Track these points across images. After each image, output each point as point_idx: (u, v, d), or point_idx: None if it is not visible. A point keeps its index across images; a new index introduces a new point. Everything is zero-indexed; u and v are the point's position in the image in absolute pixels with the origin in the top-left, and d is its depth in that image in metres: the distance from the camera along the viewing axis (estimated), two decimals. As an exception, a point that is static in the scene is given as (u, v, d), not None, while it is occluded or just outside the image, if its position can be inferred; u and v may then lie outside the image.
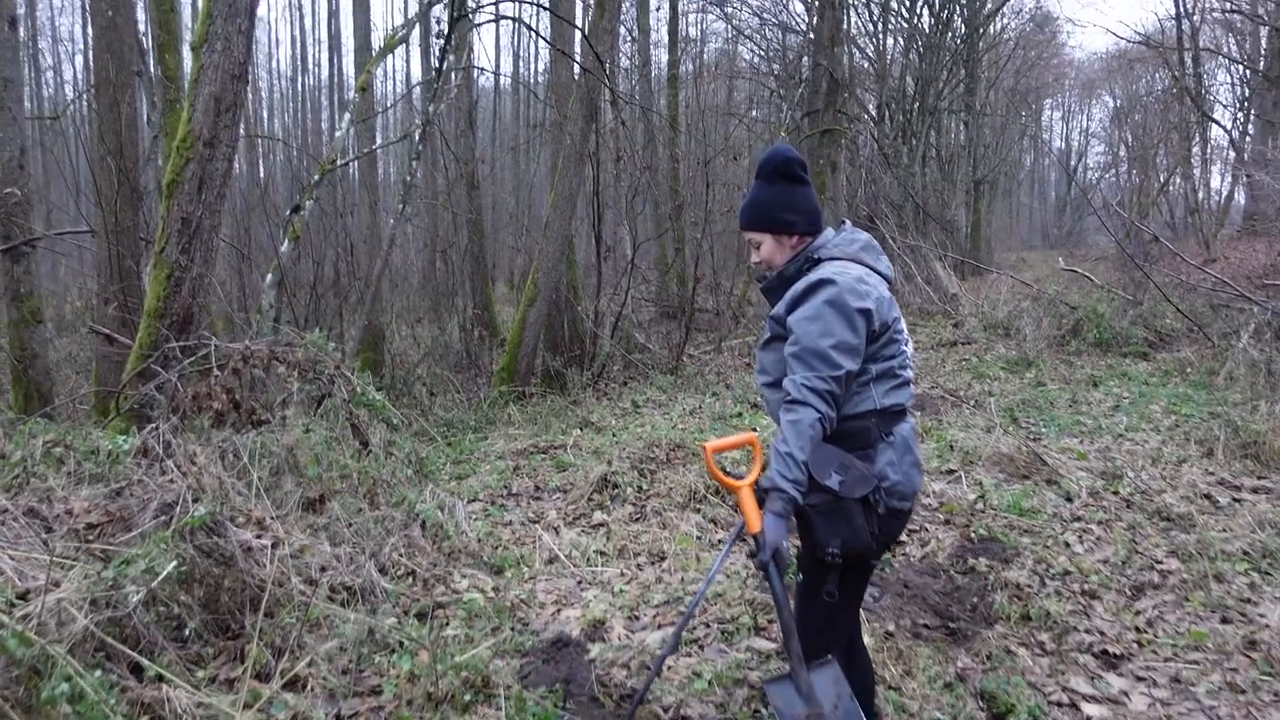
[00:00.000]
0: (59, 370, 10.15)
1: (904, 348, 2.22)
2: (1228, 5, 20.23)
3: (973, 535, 4.16)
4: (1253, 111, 21.57)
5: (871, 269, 2.23)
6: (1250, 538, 3.92)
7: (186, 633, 2.69)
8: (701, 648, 3.09)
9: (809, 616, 2.18)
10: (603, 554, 4.05)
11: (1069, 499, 4.71)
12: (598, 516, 4.63)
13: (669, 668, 2.88)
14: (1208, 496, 4.63)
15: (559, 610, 3.41)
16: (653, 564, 3.94)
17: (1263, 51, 21.50)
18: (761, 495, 2.07)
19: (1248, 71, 22.40)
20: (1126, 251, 12.06)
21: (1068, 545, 4.00)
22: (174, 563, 2.70)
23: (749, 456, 2.18)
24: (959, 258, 17.97)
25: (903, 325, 2.24)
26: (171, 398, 3.65)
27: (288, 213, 8.80)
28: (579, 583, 3.72)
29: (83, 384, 9.44)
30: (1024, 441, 5.65)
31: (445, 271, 13.78)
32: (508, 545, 4.17)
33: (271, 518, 3.44)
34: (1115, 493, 4.74)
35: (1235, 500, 4.56)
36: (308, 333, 4.96)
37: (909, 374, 2.22)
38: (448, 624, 3.18)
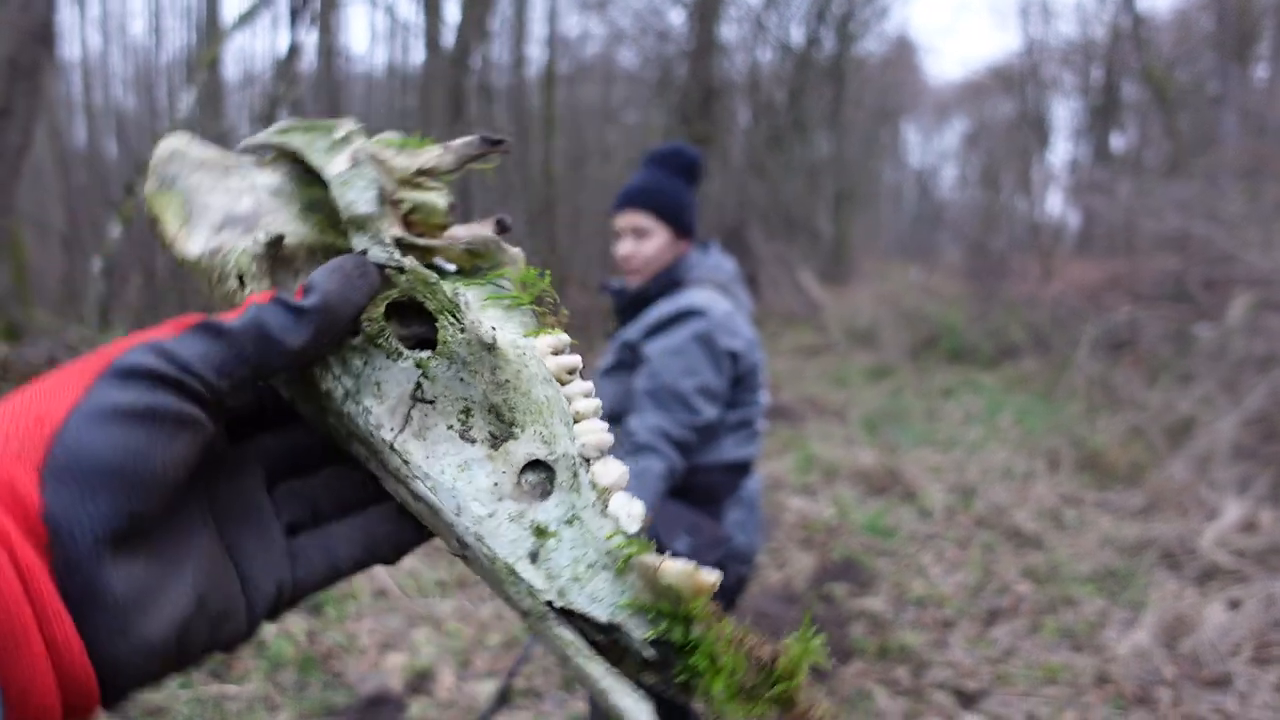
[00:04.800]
0: None
1: (761, 395, 1.97)
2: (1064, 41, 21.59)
3: (831, 558, 4.04)
4: (1086, 140, 23.14)
5: (736, 302, 1.97)
6: (1097, 558, 3.96)
7: None
8: (540, 697, 2.80)
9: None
10: (441, 584, 3.69)
11: (925, 516, 4.68)
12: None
13: (500, 727, 2.57)
14: (1055, 514, 4.70)
15: (381, 657, 3.03)
16: (495, 597, 3.60)
17: (1091, 84, 23.09)
18: None
19: (1082, 103, 24.01)
20: (974, 266, 12.58)
21: (923, 569, 3.93)
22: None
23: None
24: (823, 266, 18.40)
25: (763, 371, 1.99)
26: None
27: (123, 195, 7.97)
28: (409, 621, 3.35)
29: None
30: (882, 455, 5.64)
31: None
32: (335, 574, 3.74)
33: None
34: (969, 510, 4.75)
35: (1080, 518, 4.64)
36: (111, 330, 4.38)
37: (762, 425, 1.98)
38: (245, 680, 2.76)
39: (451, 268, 0.46)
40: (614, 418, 1.88)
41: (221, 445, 0.40)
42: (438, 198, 0.47)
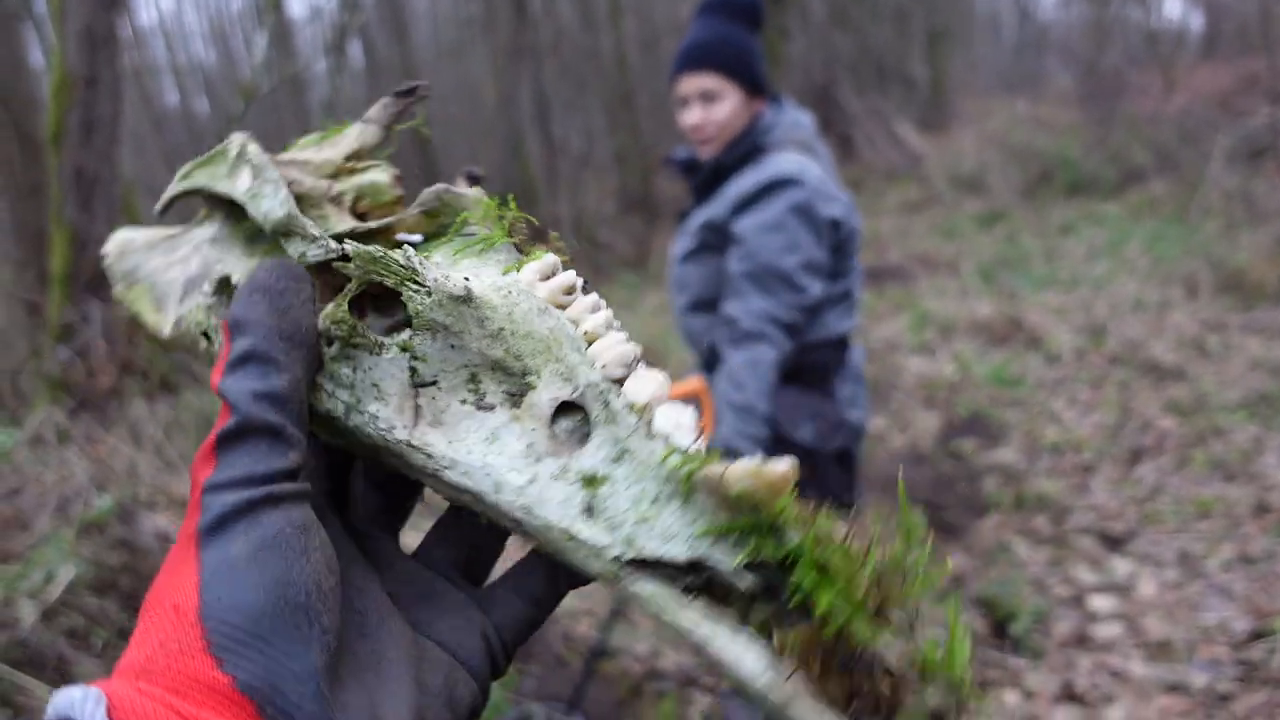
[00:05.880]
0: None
1: (857, 261, 1.84)
2: None
3: (957, 415, 3.93)
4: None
5: (821, 163, 1.81)
6: (1246, 384, 3.71)
7: (100, 643, 2.42)
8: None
9: None
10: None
11: (1053, 361, 4.48)
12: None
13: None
14: (1196, 342, 4.41)
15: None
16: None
17: None
18: None
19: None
20: (1087, 89, 11.63)
21: (1056, 415, 3.78)
22: (74, 567, 2.41)
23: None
24: (920, 114, 17.38)
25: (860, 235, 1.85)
26: (65, 376, 3.30)
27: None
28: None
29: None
30: (1001, 303, 5.39)
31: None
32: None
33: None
34: (1100, 349, 4.51)
35: (1225, 343, 4.34)
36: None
37: (859, 293, 1.86)
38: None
39: (417, 238, 0.43)
40: (704, 304, 1.79)
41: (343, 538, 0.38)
42: (377, 174, 0.45)
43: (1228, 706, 2.03)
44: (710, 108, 1.74)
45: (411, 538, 0.43)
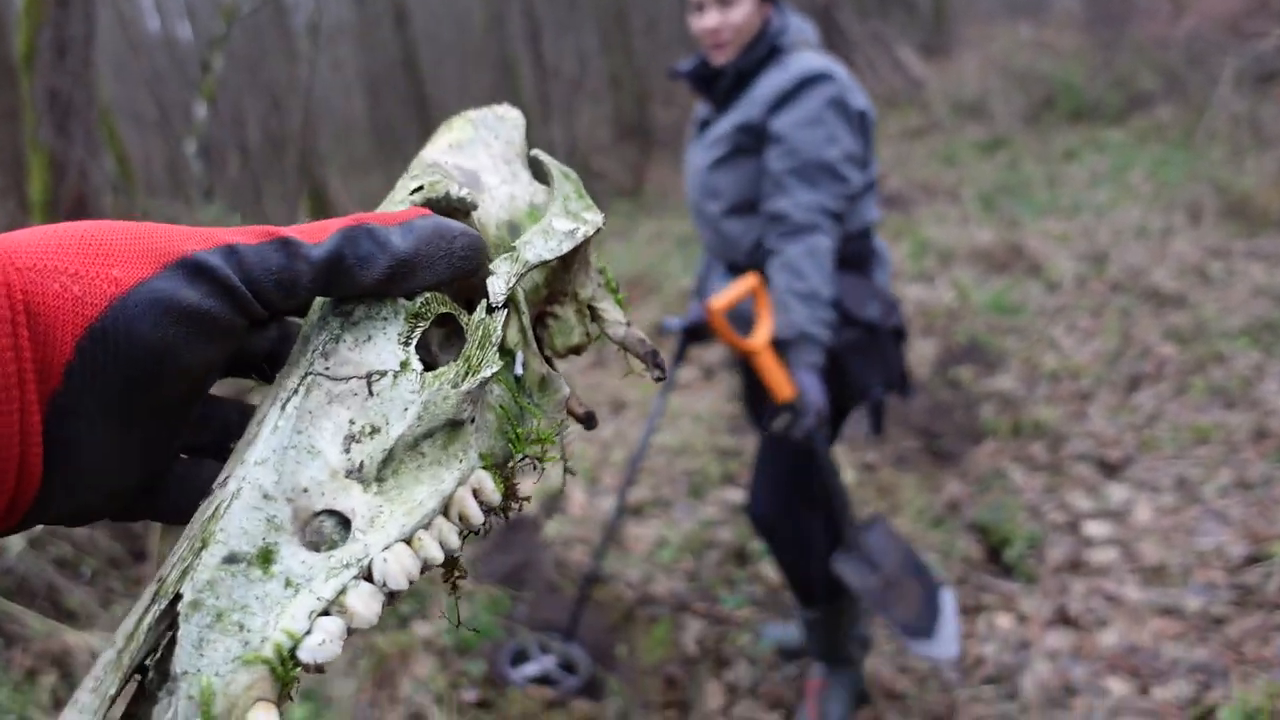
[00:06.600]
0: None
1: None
2: None
3: (955, 342, 3.89)
4: None
5: None
6: (1248, 311, 3.66)
7: (89, 571, 2.41)
8: (669, 505, 2.85)
9: (831, 475, 1.87)
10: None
11: (1053, 288, 4.42)
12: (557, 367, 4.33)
13: (635, 538, 2.64)
14: (1199, 269, 4.34)
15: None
16: (614, 415, 3.66)
17: None
18: (784, 349, 1.69)
19: None
20: (1093, 11, 11.32)
21: (1055, 342, 3.74)
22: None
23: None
24: (922, 38, 16.95)
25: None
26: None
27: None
28: (537, 447, 3.45)
29: None
30: (1002, 231, 5.31)
31: (387, 118, 12.89)
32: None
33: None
34: (1101, 276, 4.45)
35: (1228, 270, 4.28)
36: (209, 205, 4.47)
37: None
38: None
39: (520, 371, 0.43)
40: (742, 207, 1.80)
41: None
42: (578, 333, 0.48)
43: (1222, 629, 2.03)
44: (727, 11, 1.75)
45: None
